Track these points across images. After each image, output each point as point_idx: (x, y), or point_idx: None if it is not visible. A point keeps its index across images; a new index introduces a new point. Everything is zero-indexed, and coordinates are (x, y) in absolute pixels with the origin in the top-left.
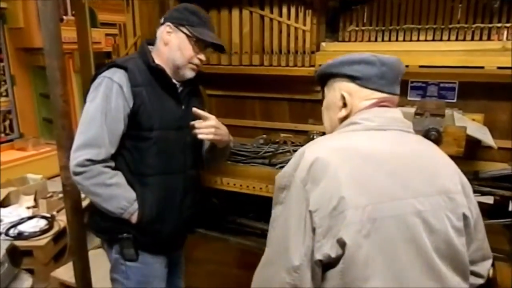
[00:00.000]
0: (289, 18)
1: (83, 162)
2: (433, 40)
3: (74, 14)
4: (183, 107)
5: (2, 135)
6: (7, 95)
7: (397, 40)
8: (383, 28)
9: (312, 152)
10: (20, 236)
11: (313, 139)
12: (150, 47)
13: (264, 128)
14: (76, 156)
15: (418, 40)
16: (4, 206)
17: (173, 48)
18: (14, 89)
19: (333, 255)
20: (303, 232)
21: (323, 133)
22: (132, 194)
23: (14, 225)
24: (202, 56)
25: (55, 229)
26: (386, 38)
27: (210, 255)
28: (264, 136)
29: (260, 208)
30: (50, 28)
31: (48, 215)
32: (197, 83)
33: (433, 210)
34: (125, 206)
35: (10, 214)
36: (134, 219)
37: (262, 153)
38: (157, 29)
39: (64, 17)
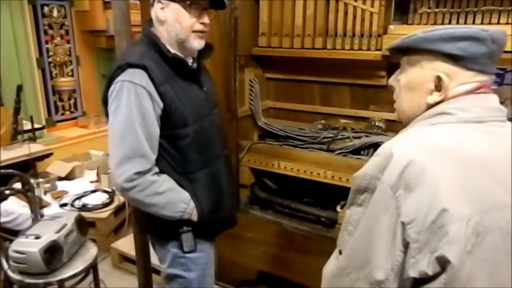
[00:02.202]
0: (356, 0)
1: (131, 176)
2: None
3: None
4: (204, 89)
5: (67, 113)
6: (72, 75)
7: (474, 23)
8: (458, 10)
9: (403, 153)
10: (84, 208)
11: (374, 126)
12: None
13: (323, 113)
14: (122, 172)
15: (498, 23)
16: (70, 179)
17: (171, 23)
18: (79, 69)
19: (430, 272)
20: (391, 244)
21: (386, 120)
22: (186, 194)
23: (79, 197)
24: (204, 19)
25: (116, 203)
26: (461, 21)
27: (264, 236)
28: (323, 121)
29: (317, 194)
30: (122, 8)
31: (109, 189)
32: (203, 56)
33: None
34: (184, 208)
35: (75, 186)
36: (194, 217)
37: (320, 138)
38: (150, 11)
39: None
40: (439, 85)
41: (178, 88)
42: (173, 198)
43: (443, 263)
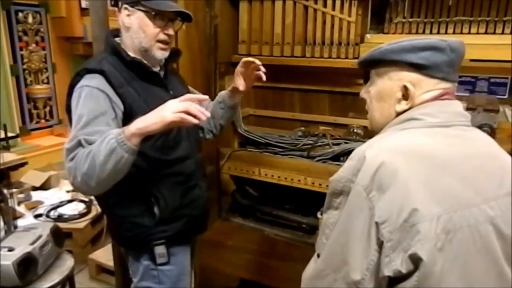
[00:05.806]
0: (333, 9)
1: (67, 154)
2: (486, 33)
3: (114, 4)
4: (171, 92)
5: (43, 121)
6: (48, 83)
7: (446, 32)
8: (431, 20)
9: (375, 155)
10: (60, 218)
11: (353, 132)
12: (117, 39)
13: (303, 120)
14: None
15: (469, 33)
16: (45, 189)
17: (135, 30)
18: (55, 76)
19: (404, 271)
20: (367, 244)
21: (364, 127)
22: (110, 132)
23: (55, 207)
24: (169, 31)
25: (93, 213)
26: (434, 30)
27: (245, 244)
28: (303, 128)
29: (297, 200)
30: (99, 14)
31: (86, 199)
32: (169, 62)
33: (503, 214)
34: (111, 137)
35: (51, 196)
36: (134, 140)
37: (300, 145)
38: (118, 17)
39: None
40: (406, 94)
41: (141, 89)
42: (99, 144)
43: (415, 261)
